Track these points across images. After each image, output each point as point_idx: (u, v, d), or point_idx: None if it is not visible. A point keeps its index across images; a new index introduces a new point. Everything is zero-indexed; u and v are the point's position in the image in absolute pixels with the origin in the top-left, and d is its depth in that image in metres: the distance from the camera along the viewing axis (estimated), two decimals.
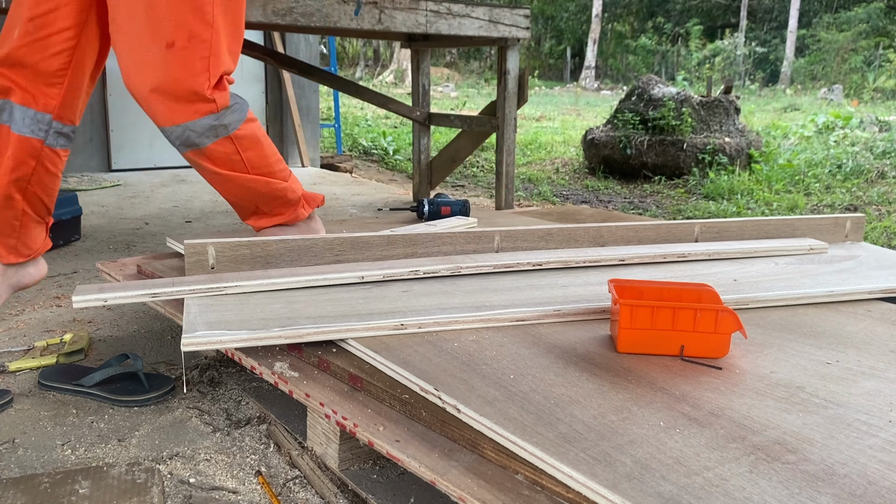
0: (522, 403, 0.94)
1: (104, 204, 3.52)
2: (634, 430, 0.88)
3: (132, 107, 4.69)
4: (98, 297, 1.25)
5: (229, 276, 1.33)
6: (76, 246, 2.65)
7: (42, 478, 1.07)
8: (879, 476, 0.79)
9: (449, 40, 3.39)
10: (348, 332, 1.15)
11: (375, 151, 6.71)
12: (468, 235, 1.55)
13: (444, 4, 2.80)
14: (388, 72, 20.58)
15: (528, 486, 0.83)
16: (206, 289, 1.27)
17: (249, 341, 1.12)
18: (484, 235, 1.56)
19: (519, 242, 1.59)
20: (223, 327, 1.13)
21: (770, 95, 16.34)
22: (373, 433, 0.96)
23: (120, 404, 1.38)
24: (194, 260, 1.38)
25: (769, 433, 0.88)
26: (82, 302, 1.24)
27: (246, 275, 1.34)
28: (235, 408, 1.40)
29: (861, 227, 1.90)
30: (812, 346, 1.19)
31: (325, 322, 1.17)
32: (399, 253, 1.50)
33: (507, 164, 3.15)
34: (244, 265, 1.41)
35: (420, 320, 1.19)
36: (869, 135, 7.58)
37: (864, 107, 12.21)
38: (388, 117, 9.62)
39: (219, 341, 1.11)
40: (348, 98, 10.23)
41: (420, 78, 3.54)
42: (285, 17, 2.46)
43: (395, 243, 1.50)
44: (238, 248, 1.40)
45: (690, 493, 0.75)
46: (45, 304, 1.99)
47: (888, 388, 1.03)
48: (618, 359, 1.11)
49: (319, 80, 3.48)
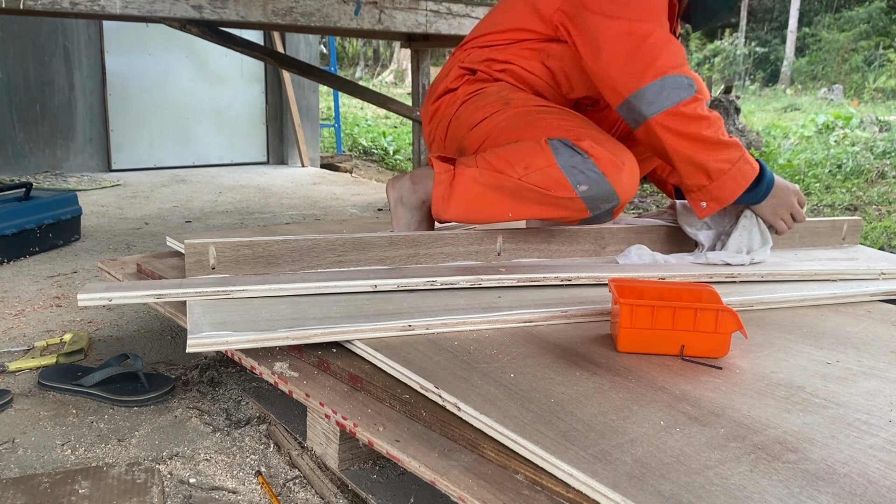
0: (523, 402, 0.94)
1: (104, 204, 3.52)
2: (635, 428, 0.88)
3: (132, 107, 4.73)
4: (103, 295, 1.24)
5: (238, 280, 1.33)
6: (76, 246, 2.65)
7: (42, 478, 1.07)
8: (880, 475, 0.79)
9: (449, 40, 3.38)
10: (355, 334, 1.15)
11: (375, 151, 6.71)
12: (470, 236, 1.55)
13: (444, 4, 2.80)
14: (388, 72, 20.59)
15: (529, 486, 0.83)
16: (212, 292, 1.27)
17: (257, 342, 1.11)
18: (486, 236, 1.56)
19: (521, 244, 1.58)
20: (228, 328, 1.13)
21: (770, 95, 16.35)
22: (373, 433, 0.96)
23: (120, 404, 1.38)
24: (195, 260, 1.38)
25: (770, 432, 0.88)
26: (87, 300, 1.23)
27: (255, 279, 1.34)
28: (235, 408, 1.40)
29: (858, 230, 1.89)
30: (812, 347, 1.19)
31: (331, 323, 1.16)
32: (402, 254, 1.49)
33: None
34: (245, 265, 1.41)
35: (428, 321, 1.19)
36: (869, 135, 7.58)
37: (865, 107, 12.21)
38: (388, 117, 9.62)
39: (224, 342, 1.10)
40: (348, 98, 10.23)
41: (420, 78, 3.54)
42: (285, 16, 2.46)
43: (398, 244, 1.49)
44: (239, 249, 1.40)
45: (691, 491, 0.75)
46: (45, 304, 1.99)
47: (888, 387, 1.03)
48: (618, 358, 1.10)
49: (319, 79, 3.48)
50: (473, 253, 1.55)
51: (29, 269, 2.32)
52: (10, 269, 2.32)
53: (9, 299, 2.01)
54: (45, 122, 4.36)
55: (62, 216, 2.60)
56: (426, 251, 1.52)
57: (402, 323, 1.17)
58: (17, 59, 4.22)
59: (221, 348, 1.12)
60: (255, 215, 3.32)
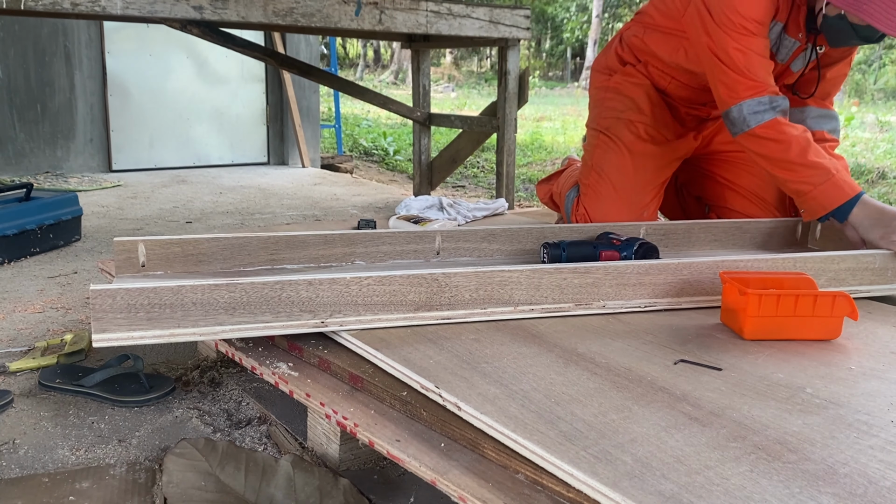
0: (523, 402, 0.94)
1: (104, 204, 3.53)
2: (635, 428, 0.88)
3: (132, 107, 4.73)
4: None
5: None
6: (76, 246, 2.66)
7: (42, 478, 1.08)
8: (880, 476, 0.79)
9: (449, 41, 3.39)
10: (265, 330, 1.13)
11: (376, 152, 6.71)
12: (409, 235, 1.53)
13: (445, 5, 2.80)
14: (389, 72, 20.59)
15: (529, 486, 0.83)
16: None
17: (162, 338, 1.10)
18: (425, 235, 1.54)
19: (461, 243, 1.57)
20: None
21: None
22: (373, 433, 0.96)
23: (120, 405, 1.38)
24: (124, 258, 1.37)
25: (770, 433, 0.88)
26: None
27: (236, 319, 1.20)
28: (236, 408, 1.40)
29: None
30: (813, 347, 1.19)
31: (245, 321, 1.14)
32: (337, 252, 1.47)
33: (508, 164, 3.15)
34: (176, 263, 1.39)
35: (342, 319, 1.17)
36: (870, 135, 7.58)
37: (865, 107, 12.20)
38: (388, 118, 9.63)
39: (129, 337, 1.08)
40: (349, 98, 10.23)
41: (420, 78, 3.54)
42: (286, 17, 2.47)
43: (333, 242, 1.47)
44: (168, 246, 1.38)
45: (691, 491, 0.75)
46: (46, 304, 1.99)
47: (888, 388, 1.03)
48: (618, 358, 1.11)
49: (320, 80, 3.48)
50: (412, 252, 1.55)
51: (30, 270, 2.32)
52: (10, 269, 2.32)
53: (9, 300, 2.02)
54: (45, 123, 4.36)
55: (63, 217, 2.60)
56: (363, 250, 1.51)
57: (315, 321, 1.16)
58: (18, 59, 4.22)
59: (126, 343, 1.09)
60: (256, 216, 3.32)
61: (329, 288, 1.15)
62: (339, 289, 1.16)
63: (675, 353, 1.14)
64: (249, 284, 1.11)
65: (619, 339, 1.19)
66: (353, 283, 1.17)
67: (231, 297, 1.11)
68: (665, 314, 1.33)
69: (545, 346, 1.15)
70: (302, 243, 1.45)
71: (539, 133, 8.25)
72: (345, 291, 1.16)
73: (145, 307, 1.08)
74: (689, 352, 1.14)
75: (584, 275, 1.30)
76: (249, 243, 1.42)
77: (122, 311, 1.07)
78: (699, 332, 1.24)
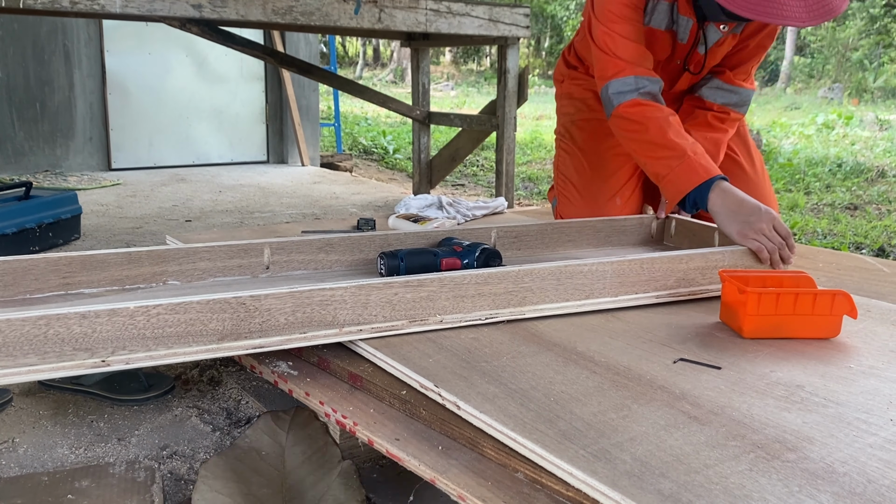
0: (522, 401, 0.94)
1: (104, 203, 3.53)
2: (634, 427, 0.88)
3: (132, 106, 4.72)
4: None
5: None
6: (76, 245, 2.66)
7: (41, 476, 1.08)
8: (879, 474, 0.79)
9: (449, 39, 3.39)
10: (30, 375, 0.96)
11: (375, 150, 6.71)
12: (231, 249, 1.38)
13: (444, 3, 2.80)
14: (388, 71, 20.59)
15: (528, 485, 0.83)
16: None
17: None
18: (251, 248, 1.39)
19: (294, 255, 1.43)
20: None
21: (770, 94, 16.34)
22: (373, 432, 0.96)
23: (120, 403, 1.38)
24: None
25: (769, 431, 0.88)
26: None
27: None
28: (236, 407, 1.40)
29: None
30: (812, 345, 1.19)
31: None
32: (144, 272, 1.31)
33: (507, 162, 3.15)
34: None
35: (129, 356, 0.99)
36: (869, 133, 7.58)
37: (865, 106, 12.20)
38: (388, 116, 9.62)
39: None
40: (348, 97, 10.23)
41: (420, 77, 3.53)
42: (285, 15, 2.46)
43: (139, 260, 1.30)
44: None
45: (690, 490, 0.75)
46: None
47: (888, 387, 1.03)
48: (617, 356, 1.11)
49: (319, 79, 3.48)
50: (236, 268, 1.40)
51: None
52: None
53: None
54: (44, 121, 4.36)
55: (62, 215, 2.60)
56: (176, 268, 1.35)
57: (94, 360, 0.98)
58: (17, 58, 4.22)
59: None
60: (256, 214, 3.32)
61: (109, 321, 0.97)
62: (121, 321, 0.98)
63: (674, 351, 1.14)
64: (5, 321, 0.92)
65: (618, 338, 1.19)
66: (138, 314, 0.98)
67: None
68: (665, 314, 1.33)
69: (544, 344, 1.15)
70: (101, 263, 1.29)
71: (539, 132, 8.24)
72: (129, 324, 0.98)
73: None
74: (688, 350, 1.14)
75: (418, 288, 1.16)
76: (36, 266, 1.25)
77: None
78: (698, 330, 1.24)
